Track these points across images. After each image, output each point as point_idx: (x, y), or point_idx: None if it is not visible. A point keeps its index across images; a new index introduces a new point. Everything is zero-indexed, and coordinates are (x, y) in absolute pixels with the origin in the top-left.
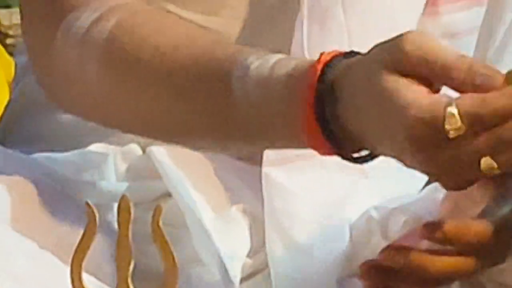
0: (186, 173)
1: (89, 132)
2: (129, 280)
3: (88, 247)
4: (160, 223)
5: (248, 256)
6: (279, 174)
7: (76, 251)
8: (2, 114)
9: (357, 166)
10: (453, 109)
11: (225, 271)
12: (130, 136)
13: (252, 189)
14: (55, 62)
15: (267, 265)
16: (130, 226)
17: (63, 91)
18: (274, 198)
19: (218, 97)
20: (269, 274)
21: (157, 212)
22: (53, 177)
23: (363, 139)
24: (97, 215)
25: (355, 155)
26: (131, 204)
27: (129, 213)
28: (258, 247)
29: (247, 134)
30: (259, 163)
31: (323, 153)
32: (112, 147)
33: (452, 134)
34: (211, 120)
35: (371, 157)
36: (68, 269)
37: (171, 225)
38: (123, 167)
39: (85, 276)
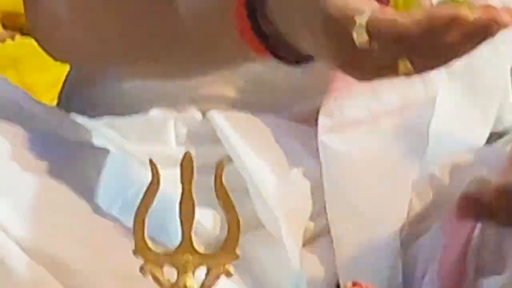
0: (245, 138)
1: (150, 99)
2: (193, 236)
3: (151, 204)
4: (223, 179)
5: (310, 219)
6: (335, 140)
7: (139, 208)
8: (65, 81)
9: (415, 131)
10: (362, 21)
11: (287, 234)
12: (190, 101)
13: (312, 152)
14: (39, 11)
15: (329, 230)
16: (193, 182)
17: (44, 35)
18: (331, 164)
19: (163, 15)
20: (331, 238)
21: (220, 167)
22: (114, 142)
23: (288, 35)
24: (160, 172)
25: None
26: (194, 161)
27: (192, 170)
28: (319, 210)
29: (194, 47)
30: (317, 126)
31: (261, 54)
32: (172, 112)
33: (358, 44)
34: (157, 35)
35: (306, 59)
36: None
37: (231, 188)
38: (183, 132)
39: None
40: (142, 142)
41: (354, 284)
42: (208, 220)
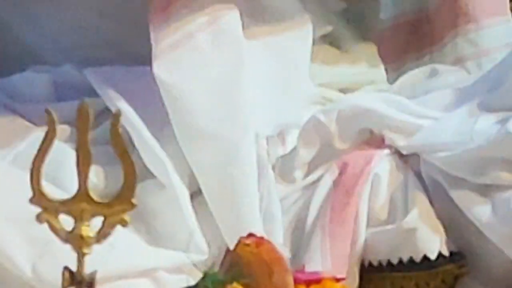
0: (122, 93)
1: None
2: (88, 185)
3: (47, 153)
4: (119, 129)
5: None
6: (164, 72)
7: (36, 156)
8: None
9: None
10: None
11: (172, 184)
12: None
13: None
14: None
15: None
16: (89, 132)
17: None
18: (171, 101)
19: None
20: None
21: (115, 117)
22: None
23: None
24: (56, 121)
25: None
26: (90, 111)
27: (88, 119)
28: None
29: None
30: None
31: None
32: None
33: None
34: None
35: None
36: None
37: None
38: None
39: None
40: (27, 102)
41: (249, 235)
42: (92, 174)
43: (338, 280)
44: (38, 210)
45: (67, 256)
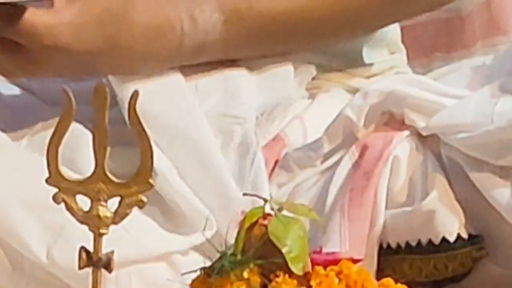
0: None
1: None
2: (105, 165)
3: (65, 133)
4: (137, 108)
5: None
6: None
7: (52, 136)
8: None
9: None
10: None
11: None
12: None
13: None
14: None
15: None
16: (107, 111)
17: None
18: None
19: None
20: None
21: (134, 97)
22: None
23: None
24: (73, 101)
25: None
26: (107, 89)
27: (105, 97)
28: None
29: None
30: None
31: None
32: None
33: None
34: None
35: None
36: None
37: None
38: None
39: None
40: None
41: (266, 215)
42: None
43: (355, 261)
44: (53, 194)
45: (82, 241)
